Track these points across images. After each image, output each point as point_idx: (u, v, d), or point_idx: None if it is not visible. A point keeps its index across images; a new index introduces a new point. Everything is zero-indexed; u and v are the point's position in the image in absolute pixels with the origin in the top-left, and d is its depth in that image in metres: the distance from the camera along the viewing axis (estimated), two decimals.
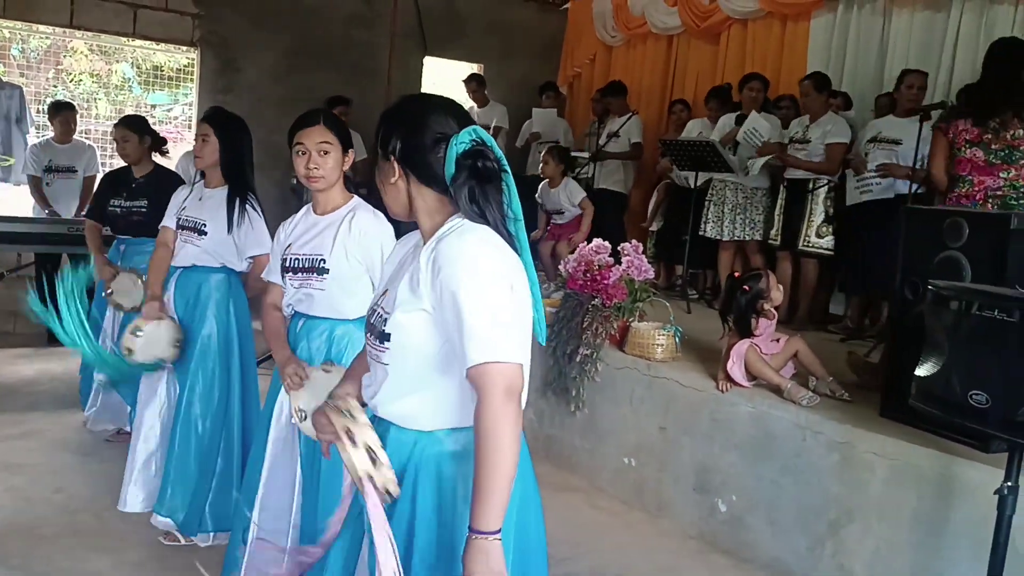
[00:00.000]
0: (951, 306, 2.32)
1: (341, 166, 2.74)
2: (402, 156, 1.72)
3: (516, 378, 1.56)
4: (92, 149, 6.66)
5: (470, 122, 1.74)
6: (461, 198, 1.65)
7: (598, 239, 4.60)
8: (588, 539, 3.75)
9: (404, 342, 1.67)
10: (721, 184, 6.15)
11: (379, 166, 1.79)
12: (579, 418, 4.45)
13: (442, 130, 1.70)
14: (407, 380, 1.69)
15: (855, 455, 3.29)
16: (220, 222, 3.39)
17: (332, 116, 2.78)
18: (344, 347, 2.72)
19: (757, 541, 3.61)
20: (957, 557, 2.93)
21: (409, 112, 1.76)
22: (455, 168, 1.66)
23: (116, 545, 3.37)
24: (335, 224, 2.70)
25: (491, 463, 1.52)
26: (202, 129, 3.45)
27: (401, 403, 1.71)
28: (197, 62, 8.29)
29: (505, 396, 1.53)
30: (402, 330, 1.67)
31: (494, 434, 1.52)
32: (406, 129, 1.73)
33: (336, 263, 2.67)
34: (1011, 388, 2.11)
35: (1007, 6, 5.78)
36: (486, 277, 1.59)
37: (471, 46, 9.55)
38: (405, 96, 1.84)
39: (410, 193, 1.74)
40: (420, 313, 1.64)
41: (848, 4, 6.71)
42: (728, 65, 7.74)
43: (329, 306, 2.72)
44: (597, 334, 4.35)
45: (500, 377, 1.54)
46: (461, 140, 1.67)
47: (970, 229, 3.13)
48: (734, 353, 3.77)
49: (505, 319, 1.58)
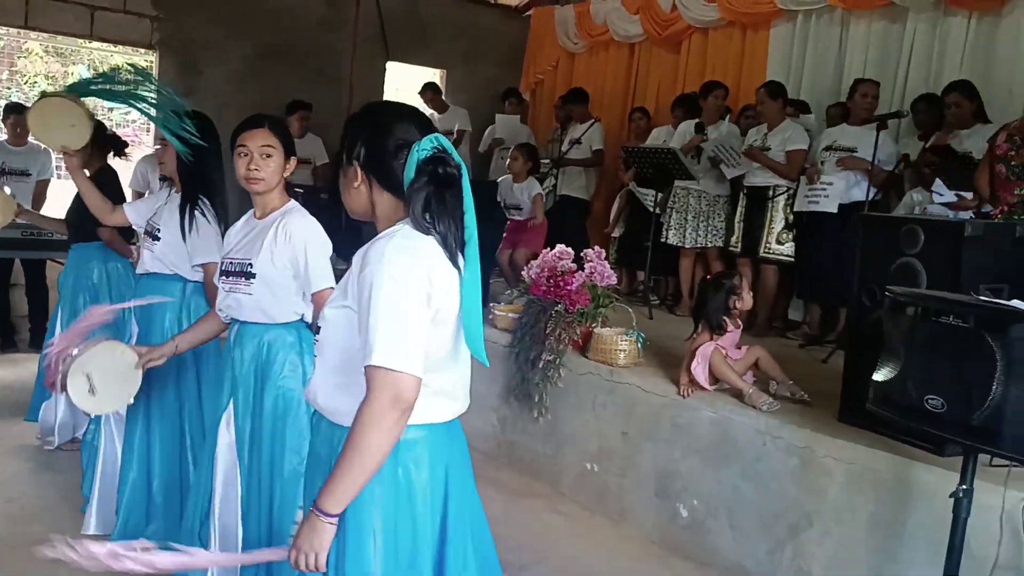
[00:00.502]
0: (907, 312, 2.35)
1: (282, 171, 2.70)
2: (365, 162, 1.77)
3: (409, 390, 1.60)
4: (47, 153, 6.51)
5: (432, 130, 1.77)
6: (415, 204, 1.68)
7: (561, 245, 4.60)
8: (550, 545, 3.74)
9: (330, 335, 1.75)
10: (684, 192, 6.18)
11: (342, 170, 1.83)
12: (542, 424, 4.44)
13: (405, 136, 1.74)
14: (332, 373, 1.76)
15: (814, 460, 3.32)
16: (173, 228, 3.33)
17: (278, 122, 2.76)
18: (276, 353, 2.67)
19: (718, 546, 3.63)
20: (913, 559, 2.97)
21: (373, 118, 1.80)
22: (415, 173, 1.69)
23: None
24: (267, 229, 2.67)
25: (353, 459, 1.58)
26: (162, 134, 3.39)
27: (328, 397, 1.77)
28: (156, 65, 8.17)
29: (390, 404, 1.58)
30: (329, 324, 1.75)
31: (365, 434, 1.58)
32: (370, 135, 1.77)
33: (262, 268, 2.62)
34: (965, 392, 2.14)
35: (960, 18, 5.90)
36: (401, 281, 1.62)
37: (434, 52, 9.53)
38: (370, 103, 1.90)
39: (372, 197, 1.79)
40: (345, 310, 1.71)
41: (807, 14, 6.80)
42: (689, 73, 7.81)
43: (258, 311, 2.67)
44: (560, 340, 4.35)
45: (390, 384, 1.58)
46: (423, 147, 1.70)
47: (925, 236, 3.18)
48: (699, 354, 3.79)
49: (414, 330, 1.62)
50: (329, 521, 1.62)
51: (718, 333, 3.82)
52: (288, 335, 2.69)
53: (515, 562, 3.54)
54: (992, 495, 2.70)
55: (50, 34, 7.92)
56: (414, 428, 1.69)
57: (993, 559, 2.73)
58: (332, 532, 1.63)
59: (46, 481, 3.97)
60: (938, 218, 4.36)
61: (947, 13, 5.95)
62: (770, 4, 6.87)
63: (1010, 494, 2.70)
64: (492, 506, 4.18)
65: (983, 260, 3.07)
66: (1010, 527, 2.71)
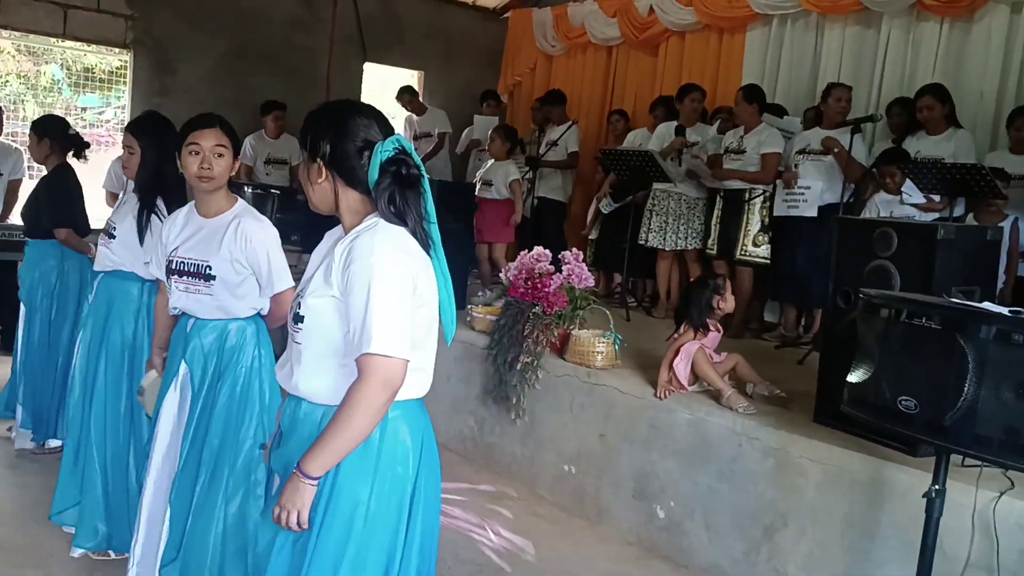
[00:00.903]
0: (881, 314, 2.37)
1: (230, 170, 2.76)
2: (330, 161, 1.85)
3: (397, 373, 1.74)
4: (19, 152, 6.42)
5: (392, 130, 1.88)
6: (382, 201, 1.79)
7: (539, 247, 4.61)
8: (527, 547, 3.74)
9: (314, 324, 1.83)
10: (663, 194, 6.18)
11: (305, 166, 1.91)
12: (519, 426, 4.44)
13: (367, 137, 1.84)
14: (316, 359, 1.85)
15: (789, 461, 3.35)
16: (128, 227, 3.34)
17: (226, 122, 2.81)
18: (237, 343, 2.74)
19: (694, 547, 3.65)
20: (887, 559, 3.00)
21: (336, 118, 1.88)
22: (379, 174, 1.80)
23: (43, 560, 3.27)
24: (221, 230, 2.71)
25: (341, 432, 1.73)
26: (127, 140, 3.39)
27: (311, 380, 1.87)
28: (130, 64, 8.08)
29: (381, 386, 1.73)
30: (313, 313, 1.83)
31: (356, 413, 1.73)
32: (334, 135, 1.85)
33: (222, 270, 2.68)
34: (937, 394, 2.15)
35: (933, 23, 5.98)
36: (392, 275, 1.75)
37: (411, 53, 9.50)
38: (331, 101, 1.97)
39: (336, 193, 1.87)
40: (330, 299, 1.80)
41: (782, 18, 6.86)
42: (666, 76, 7.86)
43: (218, 309, 2.73)
44: (538, 342, 4.35)
45: (383, 369, 1.72)
46: (385, 148, 1.81)
47: (899, 239, 3.22)
48: (683, 351, 3.81)
49: (402, 317, 1.76)
50: (311, 483, 1.77)
51: (702, 332, 3.85)
52: (248, 326, 2.77)
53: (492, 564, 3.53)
54: (964, 495, 2.73)
55: (22, 32, 7.81)
56: (398, 404, 1.82)
57: (965, 558, 2.76)
58: (313, 492, 1.78)
59: (20, 484, 3.93)
60: (911, 221, 4.41)
61: (920, 18, 6.04)
62: (746, 8, 6.93)
63: (982, 494, 2.73)
64: None
65: (955, 263, 3.11)
66: (982, 526, 2.74)
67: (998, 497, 2.73)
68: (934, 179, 4.58)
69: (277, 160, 7.74)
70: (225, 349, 2.73)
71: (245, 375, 2.73)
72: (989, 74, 5.69)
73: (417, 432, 1.89)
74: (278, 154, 7.72)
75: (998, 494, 2.74)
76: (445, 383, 4.77)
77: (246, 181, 7.12)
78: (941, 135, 5.11)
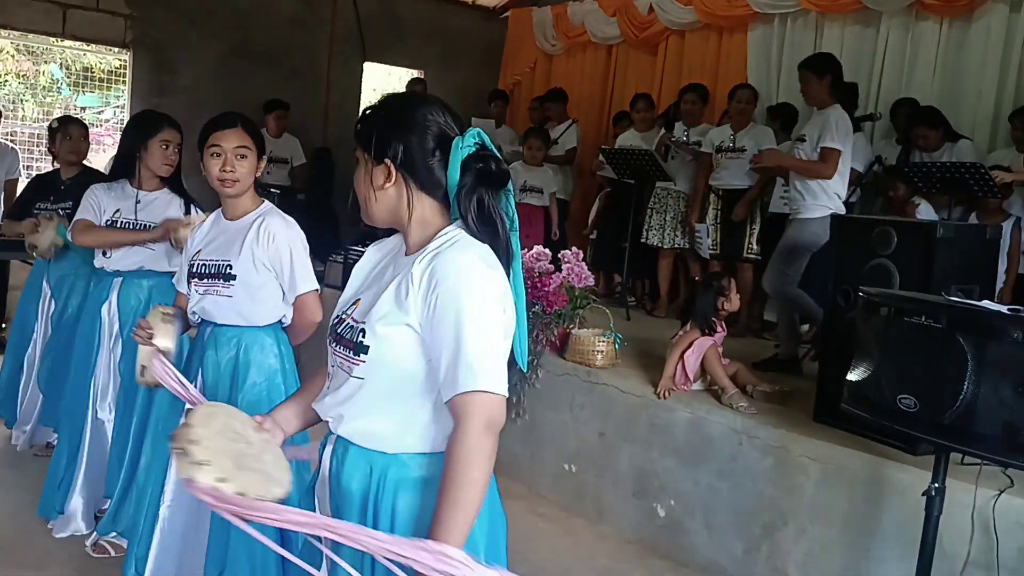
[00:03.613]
0: (881, 312, 2.37)
1: (255, 172, 2.64)
2: (403, 160, 1.58)
3: (499, 411, 1.48)
4: (14, 152, 6.43)
5: (463, 123, 1.64)
6: (470, 206, 1.54)
7: (538, 246, 4.61)
8: (528, 546, 3.75)
9: (383, 357, 1.54)
10: (664, 193, 6.21)
11: (365, 170, 1.63)
12: (519, 425, 4.44)
13: (446, 132, 1.59)
14: (379, 397, 1.57)
15: (789, 459, 3.35)
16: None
17: (249, 120, 2.70)
18: (252, 355, 2.63)
19: (694, 545, 3.65)
20: (886, 557, 3.00)
21: (407, 112, 1.61)
22: (460, 173, 1.55)
23: (41, 560, 3.26)
24: (244, 230, 2.61)
25: (458, 496, 1.43)
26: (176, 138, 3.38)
27: (368, 421, 1.58)
28: (129, 64, 8.09)
29: (485, 428, 1.45)
30: (383, 343, 1.53)
31: (467, 467, 1.44)
32: (407, 131, 1.58)
33: (243, 269, 2.57)
34: (937, 392, 2.16)
35: (932, 23, 5.98)
36: (487, 301, 1.49)
37: (411, 52, 9.51)
38: (393, 94, 1.71)
39: (409, 201, 1.60)
40: (404, 328, 1.52)
41: (782, 17, 6.86)
42: (666, 75, 7.85)
43: (236, 313, 2.61)
44: (538, 341, 4.35)
45: (485, 408, 1.45)
46: (466, 143, 1.56)
47: (898, 238, 3.22)
48: (697, 345, 3.83)
49: (499, 348, 1.51)
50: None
51: (708, 333, 3.86)
52: (266, 337, 2.65)
53: None
54: (964, 493, 2.74)
55: (21, 32, 7.81)
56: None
57: (965, 556, 2.76)
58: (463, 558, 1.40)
59: (18, 484, 3.92)
60: (910, 220, 4.41)
61: (919, 18, 6.03)
62: (745, 7, 6.92)
63: (981, 492, 2.73)
64: None
65: (954, 261, 3.12)
66: (981, 524, 2.75)
67: (998, 495, 2.74)
68: (934, 179, 4.59)
69: (278, 160, 7.75)
70: (241, 357, 2.62)
71: (261, 388, 2.61)
72: (988, 73, 5.69)
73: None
74: (279, 154, 7.73)
75: (997, 492, 2.74)
76: None
77: None
78: (939, 151, 5.14)
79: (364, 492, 1.58)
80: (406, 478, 1.57)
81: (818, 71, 4.54)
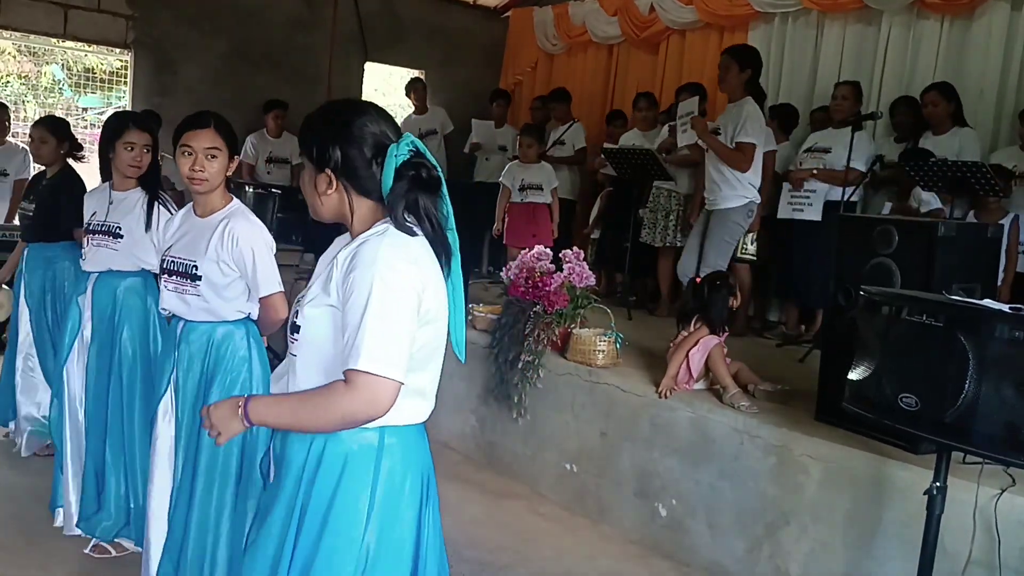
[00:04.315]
0: (882, 311, 2.37)
1: (225, 171, 2.70)
2: (341, 168, 1.69)
3: (385, 394, 1.58)
4: (25, 152, 6.41)
5: (400, 130, 1.72)
6: (398, 209, 1.64)
7: (539, 246, 4.61)
8: (529, 546, 3.75)
9: (310, 335, 1.68)
10: (656, 191, 6.23)
11: (307, 176, 1.75)
12: (521, 424, 4.45)
13: (382, 140, 1.68)
14: (311, 373, 1.69)
15: (791, 458, 3.35)
16: (136, 224, 3.33)
17: (222, 120, 2.73)
18: (225, 348, 2.69)
19: (696, 545, 3.65)
20: (888, 556, 3.00)
21: (344, 121, 1.70)
22: (394, 179, 1.64)
23: (45, 561, 3.27)
24: (211, 228, 2.66)
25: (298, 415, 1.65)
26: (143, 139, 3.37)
27: None
28: (131, 64, 8.09)
29: (363, 406, 1.58)
30: (310, 323, 1.68)
31: (321, 411, 1.61)
32: (343, 140, 1.68)
33: (208, 270, 2.63)
34: (938, 391, 2.16)
35: (933, 21, 5.98)
36: (394, 287, 1.59)
37: (412, 52, 9.51)
38: (333, 102, 1.79)
39: (349, 204, 1.71)
40: (328, 308, 1.65)
41: (783, 16, 6.85)
42: (667, 75, 7.85)
43: (205, 311, 2.68)
44: (539, 340, 4.35)
45: (371, 390, 1.57)
46: (400, 151, 1.65)
47: (899, 237, 3.22)
48: (703, 343, 3.83)
49: (400, 334, 1.59)
50: (245, 424, 1.68)
51: (720, 331, 3.87)
52: (237, 331, 2.72)
53: (495, 563, 3.54)
54: (965, 492, 2.73)
55: (23, 33, 7.82)
56: (393, 431, 1.69)
57: (967, 555, 2.76)
58: (240, 430, 1.70)
59: (19, 485, 3.93)
60: (911, 219, 4.41)
61: (920, 16, 6.03)
62: (746, 6, 6.92)
63: (983, 491, 2.73)
64: (472, 507, 4.22)
65: (955, 260, 3.11)
66: (983, 523, 2.74)
67: (999, 494, 2.74)
68: (936, 177, 4.58)
69: (278, 159, 7.76)
70: (212, 352, 2.68)
71: (235, 379, 2.67)
72: (990, 72, 5.68)
73: (418, 464, 1.75)
74: (279, 153, 7.73)
75: (999, 491, 2.74)
76: (447, 382, 4.72)
77: (248, 180, 7.13)
78: (945, 134, 5.12)
79: (303, 463, 1.71)
80: (345, 451, 1.68)
81: (741, 62, 4.57)
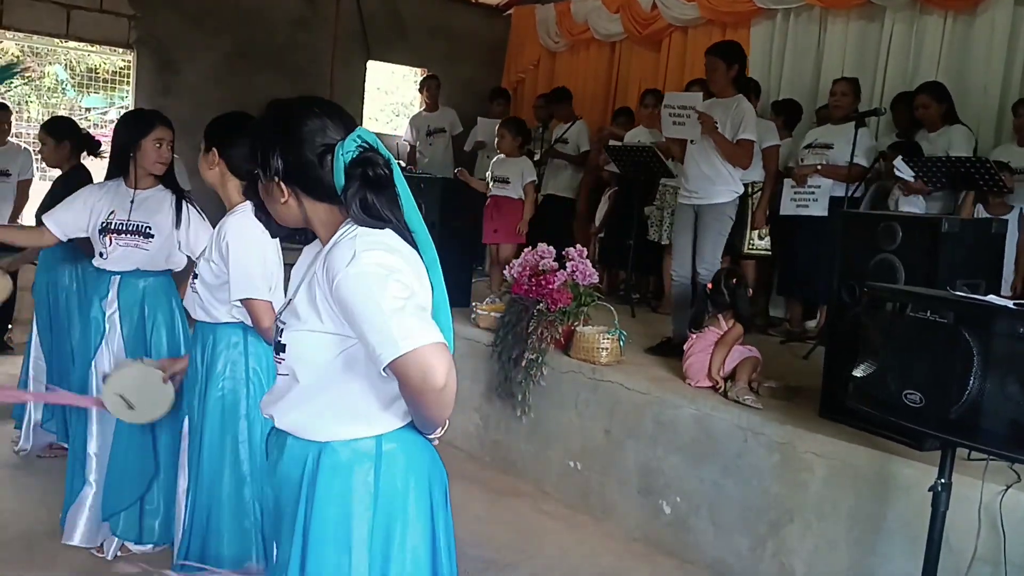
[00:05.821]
0: (886, 308, 2.37)
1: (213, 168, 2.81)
2: (287, 176, 1.61)
3: (433, 357, 1.46)
4: (28, 152, 6.42)
5: (351, 123, 1.63)
6: (354, 209, 1.55)
7: (543, 244, 4.61)
8: (533, 543, 3.75)
9: (299, 353, 1.63)
10: (662, 189, 6.23)
11: (262, 186, 1.66)
12: (525, 422, 4.45)
13: (325, 140, 1.59)
14: (303, 391, 1.64)
15: (795, 455, 3.34)
16: (165, 222, 3.31)
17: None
18: (219, 352, 2.75)
19: (700, 542, 3.65)
20: (893, 553, 3.00)
21: (284, 125, 1.62)
22: (345, 179, 1.56)
23: (49, 562, 3.27)
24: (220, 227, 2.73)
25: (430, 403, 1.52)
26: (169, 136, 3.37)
27: (298, 413, 1.66)
28: (134, 64, 8.10)
29: (423, 381, 1.47)
30: (296, 343, 1.62)
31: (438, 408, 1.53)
32: (284, 145, 1.60)
33: (201, 266, 2.72)
34: (943, 387, 2.15)
35: (936, 17, 5.96)
36: (377, 277, 1.49)
37: (414, 50, 9.50)
38: (273, 103, 1.68)
39: (304, 209, 1.64)
40: (316, 323, 1.58)
41: (785, 13, 6.84)
42: (669, 72, 7.84)
43: (200, 309, 2.76)
44: (542, 338, 4.35)
45: (414, 365, 1.46)
46: (347, 148, 1.57)
47: (903, 233, 3.21)
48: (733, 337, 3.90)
49: (406, 308, 1.49)
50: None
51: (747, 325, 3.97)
52: (232, 335, 2.76)
53: (499, 560, 3.54)
54: (970, 488, 2.73)
55: (25, 33, 7.82)
56: (390, 437, 1.65)
57: (971, 552, 2.75)
58: None
59: (25, 487, 3.94)
60: (915, 215, 4.40)
61: (923, 12, 6.02)
62: (749, 3, 6.91)
63: (988, 487, 2.73)
64: (476, 505, 4.21)
65: (960, 256, 3.10)
66: (988, 520, 2.74)
67: (1004, 490, 2.73)
68: (940, 173, 4.57)
69: None
70: (208, 358, 2.76)
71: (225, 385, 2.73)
72: (993, 68, 5.67)
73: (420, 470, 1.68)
74: None
75: (1004, 487, 2.74)
76: None
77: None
78: (936, 132, 5.13)
79: (299, 478, 1.66)
80: (338, 464, 1.63)
81: (727, 60, 4.57)
